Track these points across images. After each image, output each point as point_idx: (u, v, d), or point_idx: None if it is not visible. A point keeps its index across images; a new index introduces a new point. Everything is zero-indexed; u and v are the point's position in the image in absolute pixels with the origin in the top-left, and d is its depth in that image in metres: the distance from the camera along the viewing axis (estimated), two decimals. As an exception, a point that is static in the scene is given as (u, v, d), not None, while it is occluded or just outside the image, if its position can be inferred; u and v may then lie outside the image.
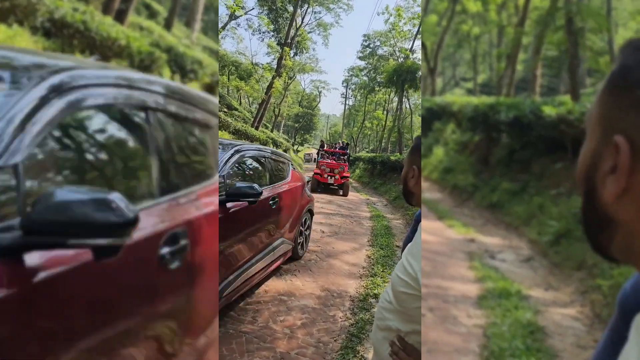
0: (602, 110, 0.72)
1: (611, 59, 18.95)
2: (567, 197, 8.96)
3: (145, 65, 11.68)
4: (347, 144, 32.09)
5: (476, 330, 4.97)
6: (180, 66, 14.35)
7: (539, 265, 7.48)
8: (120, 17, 13.77)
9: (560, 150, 10.59)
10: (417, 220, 2.76)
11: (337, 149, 28.54)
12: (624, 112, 0.66)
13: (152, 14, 22.34)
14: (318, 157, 27.70)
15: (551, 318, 5.35)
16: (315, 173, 22.56)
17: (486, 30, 24.96)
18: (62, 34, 9.64)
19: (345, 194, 21.85)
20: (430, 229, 9.66)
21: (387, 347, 1.76)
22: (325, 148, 28.78)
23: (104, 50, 10.29)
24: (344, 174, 22.49)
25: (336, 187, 22.46)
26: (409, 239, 2.70)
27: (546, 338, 4.78)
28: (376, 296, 6.37)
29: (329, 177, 22.27)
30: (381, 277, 7.31)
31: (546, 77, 23.48)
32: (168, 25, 20.92)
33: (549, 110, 10.36)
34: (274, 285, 6.34)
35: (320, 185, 22.14)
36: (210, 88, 18.11)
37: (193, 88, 3.73)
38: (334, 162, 24.06)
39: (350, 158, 30.96)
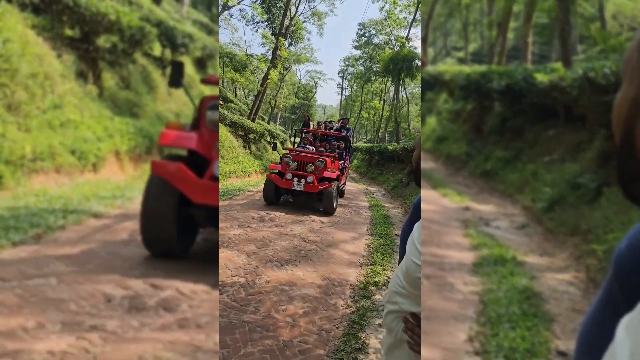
0: None
1: (602, 25, 18.93)
2: (561, 164, 8.99)
3: (136, 40, 11.60)
4: (347, 119, 20.82)
5: (472, 297, 5.02)
6: (171, 40, 14.25)
7: (534, 231, 7.54)
8: (108, -9, 13.69)
9: (553, 117, 10.62)
10: (416, 208, 2.77)
11: (330, 130, 18.03)
12: None
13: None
14: (294, 143, 18.29)
15: (547, 283, 5.40)
16: (271, 171, 13.05)
17: (477, -2, 24.83)
18: (51, 10, 9.55)
19: (328, 209, 12.14)
20: (425, 198, 9.69)
21: (399, 326, 1.79)
22: (310, 128, 18.85)
23: (94, 25, 10.21)
24: (329, 174, 12.43)
25: (313, 197, 12.77)
26: (407, 225, 2.72)
27: (542, 303, 4.82)
28: (376, 284, 6.41)
29: (296, 180, 12.18)
30: (381, 265, 7.34)
31: (538, 44, 23.41)
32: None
33: (541, 78, 10.36)
34: (275, 275, 6.36)
35: (279, 194, 12.87)
36: (201, 62, 17.98)
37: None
38: (310, 152, 13.88)
39: (351, 147, 19.32)
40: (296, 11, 42.18)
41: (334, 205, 12.38)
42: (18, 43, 8.03)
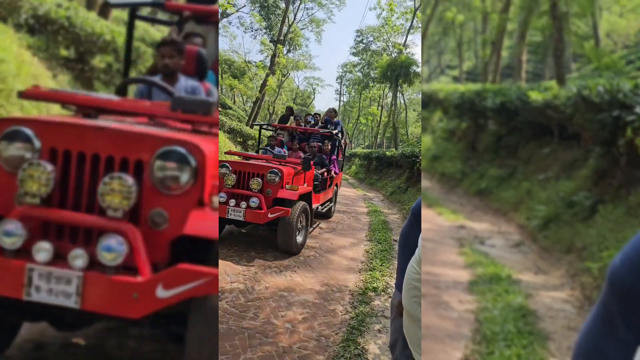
0: None
1: (596, 43, 19.05)
2: (555, 182, 9.01)
3: (131, 59, 11.62)
4: (334, 111, 14.61)
5: (468, 315, 5.00)
6: (166, 59, 14.31)
7: (529, 249, 7.53)
8: (104, 12, 13.73)
9: (547, 135, 10.65)
10: (414, 213, 2.80)
11: (314, 128, 13.02)
12: None
13: (136, 9, 22.21)
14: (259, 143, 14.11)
15: (542, 301, 5.38)
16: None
17: (470, 17, 24.95)
18: (46, 30, 9.57)
19: (287, 248, 7.84)
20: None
21: (418, 307, 2.04)
22: (288, 124, 13.85)
23: (89, 45, 10.24)
24: (287, 194, 7.70)
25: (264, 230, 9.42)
26: (406, 230, 2.78)
27: (537, 321, 4.81)
28: (375, 289, 6.41)
29: (233, 203, 7.52)
30: (379, 271, 7.34)
31: (532, 62, 23.53)
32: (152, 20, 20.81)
33: (535, 96, 10.40)
34: (274, 281, 6.36)
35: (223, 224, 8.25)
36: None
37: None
38: (261, 157, 9.13)
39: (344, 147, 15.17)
40: (294, 18, 42.63)
41: (298, 240, 8.02)
42: (13, 63, 8.03)
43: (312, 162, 9.51)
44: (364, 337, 4.78)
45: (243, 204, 7.47)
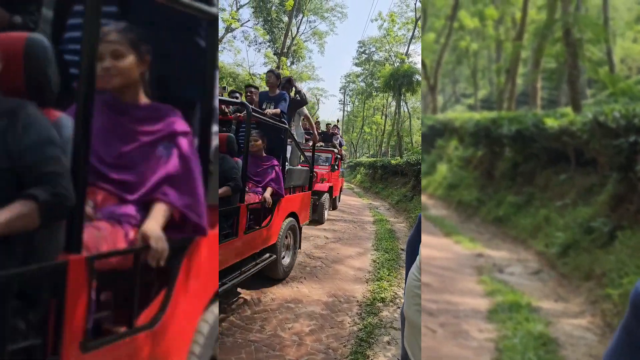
0: None
1: (610, 68, 19.03)
2: (573, 208, 8.96)
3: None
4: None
5: (488, 344, 4.97)
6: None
7: (548, 276, 7.47)
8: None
9: (564, 162, 10.61)
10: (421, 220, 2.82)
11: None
12: None
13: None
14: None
15: (562, 329, 5.34)
16: None
17: (484, 45, 25.01)
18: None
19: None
20: (437, 245, 9.65)
21: (420, 317, 2.02)
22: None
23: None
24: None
25: None
26: (414, 237, 2.78)
27: (558, 349, 4.77)
28: (383, 300, 6.40)
29: None
30: (387, 281, 7.34)
31: (546, 89, 23.48)
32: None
33: (551, 122, 10.39)
34: (281, 293, 6.37)
35: None
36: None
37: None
38: None
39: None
40: (297, 31, 43.29)
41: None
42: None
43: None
44: (373, 350, 4.77)
45: None
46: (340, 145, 16.69)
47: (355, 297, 6.53)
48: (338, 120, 29.79)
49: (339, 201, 17.96)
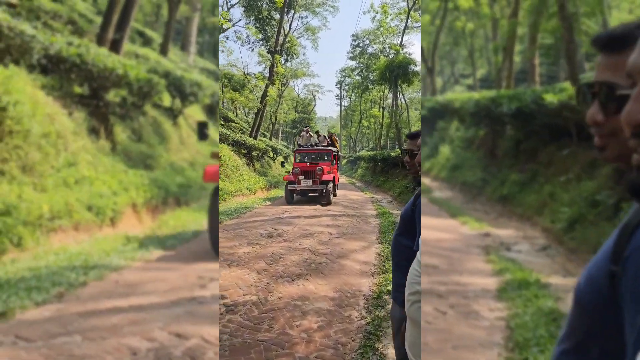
0: None
1: (607, 41, 18.90)
2: (577, 182, 8.96)
3: (145, 92, 11.71)
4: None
5: (499, 322, 4.98)
6: (180, 90, 14.38)
7: (556, 252, 7.48)
8: (115, 47, 13.81)
9: (565, 137, 10.60)
10: (403, 219, 2.79)
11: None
12: None
13: (146, 41, 22.36)
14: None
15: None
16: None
17: (480, 25, 24.94)
18: (58, 69, 9.67)
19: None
20: (444, 227, 9.66)
21: (420, 312, 1.98)
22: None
23: (102, 81, 10.34)
24: None
25: None
26: (396, 238, 2.78)
27: (569, 324, 4.77)
28: (389, 292, 6.37)
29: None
30: None
31: (544, 65, 23.44)
32: (164, 51, 20.91)
33: (550, 98, 10.37)
34: (287, 291, 6.36)
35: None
36: (211, 109, 18.20)
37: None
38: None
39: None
40: (290, 28, 43.06)
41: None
42: (28, 104, 8.12)
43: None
44: (382, 342, 4.75)
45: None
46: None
47: (361, 291, 6.52)
48: (335, 124, 31.11)
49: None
